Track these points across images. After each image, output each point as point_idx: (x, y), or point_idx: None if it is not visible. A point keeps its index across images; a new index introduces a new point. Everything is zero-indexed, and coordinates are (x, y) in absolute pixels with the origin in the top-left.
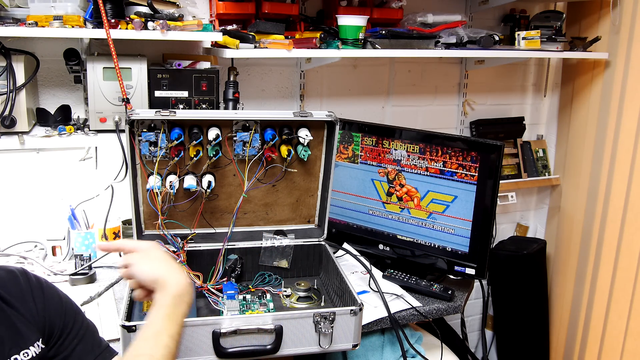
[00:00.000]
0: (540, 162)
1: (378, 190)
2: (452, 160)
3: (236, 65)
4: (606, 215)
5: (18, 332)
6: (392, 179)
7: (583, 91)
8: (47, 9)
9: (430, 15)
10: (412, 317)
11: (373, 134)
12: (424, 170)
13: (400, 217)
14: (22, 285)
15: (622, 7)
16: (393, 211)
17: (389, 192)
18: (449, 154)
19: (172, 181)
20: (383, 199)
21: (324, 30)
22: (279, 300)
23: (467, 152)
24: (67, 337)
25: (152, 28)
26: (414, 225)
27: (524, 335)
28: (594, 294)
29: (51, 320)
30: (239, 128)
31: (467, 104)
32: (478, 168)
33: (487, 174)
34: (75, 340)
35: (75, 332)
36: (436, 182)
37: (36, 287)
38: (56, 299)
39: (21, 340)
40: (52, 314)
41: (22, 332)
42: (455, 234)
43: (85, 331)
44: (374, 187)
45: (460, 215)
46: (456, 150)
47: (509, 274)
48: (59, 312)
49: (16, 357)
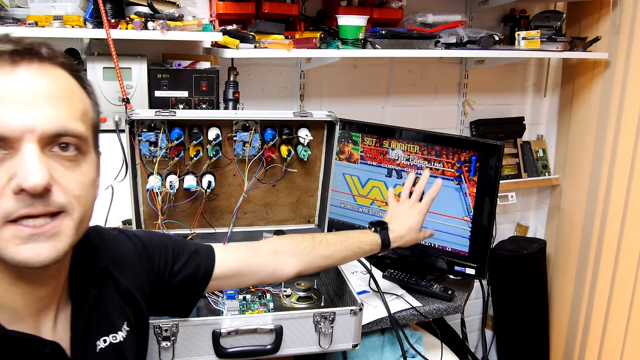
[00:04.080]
0: (540, 162)
1: (349, 184)
2: (452, 160)
3: (236, 65)
4: (606, 215)
5: (109, 317)
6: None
7: (583, 91)
8: (47, 9)
9: (430, 15)
10: (412, 317)
11: (373, 134)
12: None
13: (370, 211)
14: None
15: (622, 7)
16: (364, 204)
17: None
18: (449, 154)
19: (172, 181)
20: (353, 192)
21: (324, 30)
22: (279, 300)
23: (467, 152)
24: (171, 270)
25: (152, 28)
26: (449, 234)
27: (524, 335)
28: (594, 294)
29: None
30: (239, 128)
31: (467, 104)
32: (478, 168)
33: (487, 173)
34: (179, 268)
35: (177, 261)
36: None
37: (138, 242)
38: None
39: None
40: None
41: (112, 316)
42: (455, 234)
43: (183, 251)
44: (345, 181)
45: (460, 215)
46: (456, 150)
47: (509, 274)
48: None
49: (105, 338)
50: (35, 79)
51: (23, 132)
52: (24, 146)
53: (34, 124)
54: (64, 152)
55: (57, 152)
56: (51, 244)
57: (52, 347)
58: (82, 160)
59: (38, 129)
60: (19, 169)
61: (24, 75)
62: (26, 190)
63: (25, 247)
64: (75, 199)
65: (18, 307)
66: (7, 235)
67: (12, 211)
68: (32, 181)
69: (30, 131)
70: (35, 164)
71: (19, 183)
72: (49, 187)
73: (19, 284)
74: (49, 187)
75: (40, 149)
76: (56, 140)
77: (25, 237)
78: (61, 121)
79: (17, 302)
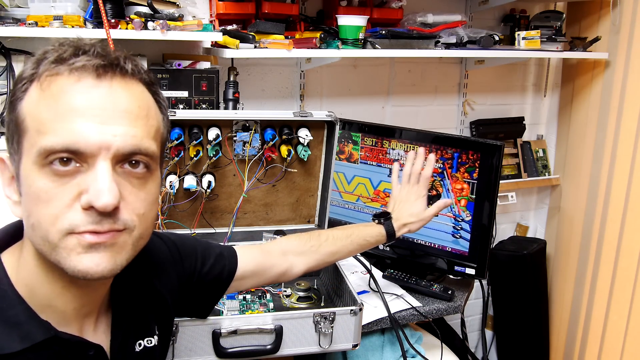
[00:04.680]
0: (540, 162)
1: (335, 181)
2: (452, 160)
3: (236, 65)
4: (606, 215)
5: (145, 321)
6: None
7: (583, 91)
8: (47, 9)
9: (430, 15)
10: (412, 317)
11: (373, 134)
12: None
13: (356, 207)
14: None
15: (622, 7)
16: (350, 201)
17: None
18: (432, 151)
19: (172, 181)
20: (340, 189)
21: (324, 30)
22: (279, 300)
23: (467, 152)
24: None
25: (152, 28)
26: (431, 229)
27: (524, 335)
28: (594, 294)
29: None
30: (239, 128)
31: (467, 104)
32: (478, 168)
33: (487, 174)
34: (206, 270)
35: (204, 266)
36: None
37: (174, 249)
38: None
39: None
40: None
41: (148, 320)
42: (455, 234)
43: (210, 254)
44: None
45: (460, 215)
46: (439, 147)
47: (509, 274)
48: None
49: (140, 342)
50: (116, 95)
51: (99, 149)
52: (98, 162)
53: (111, 141)
54: (134, 170)
55: (127, 169)
56: (110, 255)
57: (96, 349)
58: (150, 178)
59: (114, 146)
60: (91, 185)
61: (105, 90)
62: (95, 208)
63: (86, 257)
64: (138, 217)
65: (67, 310)
66: (71, 243)
67: (79, 224)
68: (103, 200)
69: (106, 148)
70: (108, 183)
71: (90, 200)
72: (118, 206)
73: (72, 288)
74: (118, 204)
75: (112, 166)
76: (129, 158)
77: (87, 246)
78: (137, 140)
79: (67, 305)
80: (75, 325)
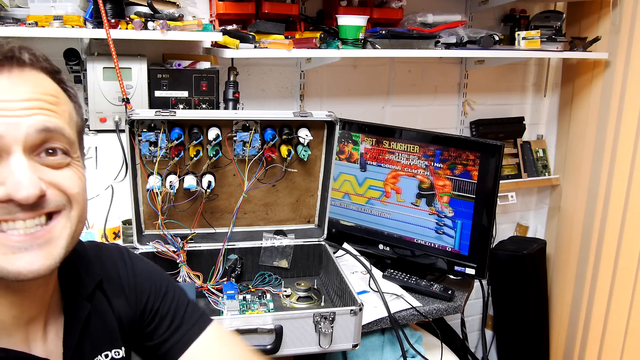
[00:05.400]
0: (540, 162)
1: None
2: (418, 153)
3: (236, 65)
4: (606, 215)
5: (111, 329)
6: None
7: (583, 91)
8: (47, 9)
9: (430, 15)
10: (412, 317)
11: (373, 134)
12: (423, 169)
13: (342, 204)
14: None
15: (622, 7)
16: (335, 197)
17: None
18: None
19: (172, 181)
20: (350, 191)
21: (324, 30)
22: (279, 300)
23: (467, 152)
24: (162, 317)
25: (152, 28)
26: (415, 225)
27: (524, 335)
28: (594, 294)
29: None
30: (239, 128)
31: (467, 104)
32: (478, 168)
33: (487, 174)
34: (168, 320)
35: (167, 311)
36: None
37: (131, 272)
38: (147, 281)
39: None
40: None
41: (113, 330)
42: (455, 234)
43: (176, 306)
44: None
45: (460, 215)
46: (456, 150)
47: (509, 274)
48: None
49: (107, 352)
50: (17, 86)
51: (9, 142)
52: (11, 155)
53: (19, 132)
54: (52, 157)
55: (45, 159)
56: (45, 252)
57: None
58: (72, 163)
59: (22, 137)
60: (8, 178)
61: (5, 83)
62: (16, 201)
63: (15, 257)
64: (72, 197)
65: (6, 319)
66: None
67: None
68: (23, 193)
69: (14, 140)
70: (26, 174)
71: (9, 193)
72: (43, 193)
73: (7, 294)
74: (42, 193)
75: (27, 156)
76: (43, 145)
77: (16, 247)
78: (46, 127)
79: (4, 314)
80: (19, 335)
